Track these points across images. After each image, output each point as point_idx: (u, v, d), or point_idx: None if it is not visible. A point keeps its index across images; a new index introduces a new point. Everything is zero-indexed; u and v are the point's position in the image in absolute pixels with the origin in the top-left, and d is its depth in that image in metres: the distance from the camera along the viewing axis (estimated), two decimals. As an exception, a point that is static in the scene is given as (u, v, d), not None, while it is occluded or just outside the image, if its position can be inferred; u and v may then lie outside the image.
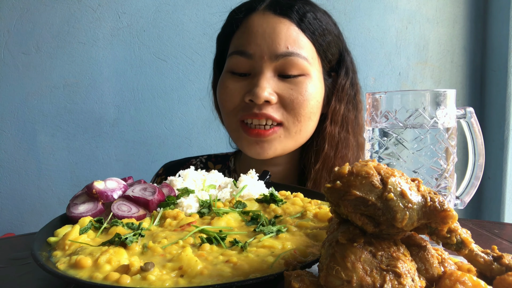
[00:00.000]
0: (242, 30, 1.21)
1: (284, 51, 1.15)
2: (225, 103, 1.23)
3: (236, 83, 1.20)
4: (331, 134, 1.25)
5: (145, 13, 2.31)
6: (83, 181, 2.28)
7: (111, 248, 0.67)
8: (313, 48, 1.20)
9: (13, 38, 2.24)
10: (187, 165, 1.49)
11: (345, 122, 1.28)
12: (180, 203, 0.89)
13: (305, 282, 0.49)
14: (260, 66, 1.16)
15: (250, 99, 1.15)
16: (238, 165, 1.46)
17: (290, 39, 1.16)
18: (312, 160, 1.27)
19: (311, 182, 1.26)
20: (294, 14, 1.18)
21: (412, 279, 0.47)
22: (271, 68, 1.16)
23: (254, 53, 1.17)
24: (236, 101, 1.20)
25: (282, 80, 1.17)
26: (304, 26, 1.18)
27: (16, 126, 2.28)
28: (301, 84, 1.17)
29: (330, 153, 1.25)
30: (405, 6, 2.47)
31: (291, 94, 1.16)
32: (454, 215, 0.49)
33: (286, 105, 1.16)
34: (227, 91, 1.21)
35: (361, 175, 0.49)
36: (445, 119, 0.78)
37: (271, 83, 1.15)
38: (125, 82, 2.33)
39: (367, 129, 0.86)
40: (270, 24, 1.17)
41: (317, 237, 0.72)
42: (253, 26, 1.18)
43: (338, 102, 1.26)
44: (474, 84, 2.55)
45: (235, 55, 1.20)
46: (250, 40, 1.17)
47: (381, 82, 2.49)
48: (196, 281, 0.58)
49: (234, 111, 1.21)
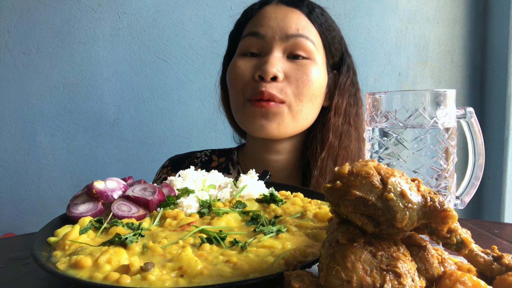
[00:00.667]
0: (256, 18, 1.31)
1: (295, 32, 1.24)
2: (235, 82, 1.29)
3: (247, 63, 1.27)
4: (335, 125, 1.33)
5: (145, 13, 2.31)
6: (83, 181, 2.28)
7: (111, 248, 0.67)
8: (319, 38, 1.29)
9: (13, 38, 2.24)
10: (192, 158, 1.51)
11: (348, 115, 1.35)
12: (180, 203, 0.89)
13: (305, 282, 0.49)
14: (271, 46, 1.25)
15: (260, 74, 1.22)
16: (241, 157, 1.50)
17: (301, 24, 1.26)
18: (318, 150, 1.33)
19: (317, 170, 1.32)
20: (304, 6, 1.29)
21: (412, 279, 0.47)
22: (281, 48, 1.25)
23: (266, 33, 1.25)
24: (246, 79, 1.26)
25: (289, 60, 1.25)
26: (312, 17, 1.28)
27: (16, 126, 2.28)
28: (307, 66, 1.25)
29: (334, 143, 1.32)
30: (405, 6, 2.47)
31: (297, 73, 1.23)
32: (454, 215, 0.49)
33: (291, 84, 1.23)
34: (238, 71, 1.28)
35: (361, 175, 0.49)
36: (445, 119, 0.78)
37: (280, 61, 1.23)
38: (125, 82, 2.33)
39: (367, 129, 0.86)
40: (283, 11, 1.27)
41: (317, 237, 0.72)
42: (266, 13, 1.29)
43: (341, 96, 1.34)
44: (474, 84, 2.55)
45: (248, 37, 1.29)
46: (263, 23, 1.27)
47: (381, 82, 2.49)
48: (196, 281, 0.58)
49: (243, 89, 1.27)
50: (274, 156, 1.37)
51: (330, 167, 1.31)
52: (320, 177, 1.31)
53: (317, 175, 1.31)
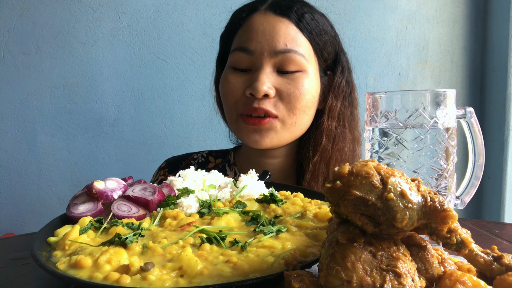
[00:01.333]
0: (244, 28, 1.27)
1: (283, 48, 1.21)
2: (227, 97, 1.29)
3: (238, 78, 1.26)
4: (328, 129, 1.31)
5: (145, 13, 2.31)
6: (83, 181, 2.28)
7: (111, 248, 0.67)
8: (310, 46, 1.26)
9: (13, 38, 2.24)
10: (189, 159, 1.51)
11: (342, 117, 1.34)
12: (180, 203, 0.89)
13: (305, 282, 0.49)
14: (260, 62, 1.22)
15: (251, 92, 1.21)
16: (237, 159, 1.50)
17: (289, 37, 1.22)
18: (310, 154, 1.32)
19: (310, 173, 1.31)
20: (293, 14, 1.24)
21: (412, 279, 0.47)
22: (270, 64, 1.22)
23: (255, 49, 1.23)
24: (237, 95, 1.26)
25: (280, 75, 1.23)
26: (302, 25, 1.24)
27: (16, 126, 2.28)
28: (298, 79, 1.23)
29: (327, 146, 1.31)
30: (405, 6, 2.47)
31: (288, 88, 1.22)
32: (454, 215, 0.49)
33: (283, 99, 1.22)
34: (229, 86, 1.27)
35: (361, 175, 0.49)
36: (445, 119, 0.78)
37: (270, 77, 1.22)
38: (125, 82, 2.33)
39: (367, 129, 0.86)
40: (271, 23, 1.23)
41: (317, 237, 0.72)
42: (254, 24, 1.25)
43: (335, 99, 1.32)
44: (474, 84, 2.55)
45: (237, 52, 1.26)
46: (252, 38, 1.23)
47: (381, 82, 2.49)
48: (196, 281, 0.58)
49: (235, 105, 1.27)
50: (269, 160, 1.38)
51: (322, 171, 1.31)
52: (312, 181, 1.31)
53: (309, 178, 1.31)
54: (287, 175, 1.41)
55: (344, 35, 1.37)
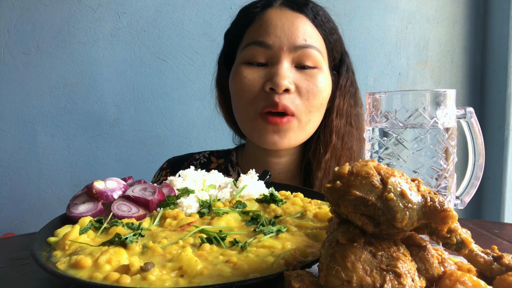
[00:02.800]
0: (259, 23, 1.25)
1: (303, 43, 1.21)
2: (243, 93, 1.24)
3: (254, 73, 1.23)
4: (337, 127, 1.32)
5: (145, 13, 2.31)
6: (83, 181, 2.28)
7: (111, 248, 0.67)
8: (323, 44, 1.28)
9: (13, 38, 2.24)
10: (191, 160, 1.51)
11: (349, 116, 1.35)
12: (180, 203, 0.89)
13: (305, 282, 0.49)
14: (279, 56, 1.21)
15: (271, 87, 1.18)
16: (240, 158, 1.49)
17: (307, 32, 1.23)
18: (321, 152, 1.32)
19: (321, 172, 1.32)
20: (309, 11, 1.25)
21: (412, 279, 0.47)
22: (289, 59, 1.22)
23: (273, 43, 1.21)
24: (255, 90, 1.22)
25: (298, 71, 1.23)
26: (317, 22, 1.26)
27: (16, 126, 2.28)
28: (316, 75, 1.23)
29: (337, 144, 1.32)
30: (405, 6, 2.47)
31: (307, 84, 1.22)
32: (454, 215, 0.49)
33: (302, 95, 1.21)
34: (245, 81, 1.23)
35: (361, 175, 0.49)
36: (445, 119, 0.78)
37: (289, 72, 1.21)
38: (125, 82, 2.33)
39: (367, 129, 0.86)
40: (289, 18, 1.23)
41: (317, 237, 0.72)
42: (271, 19, 1.24)
43: (342, 98, 1.34)
44: (474, 84, 2.55)
45: (253, 46, 1.24)
46: (270, 32, 1.22)
47: (381, 82, 2.49)
48: (196, 281, 0.58)
49: (253, 101, 1.23)
50: (276, 159, 1.37)
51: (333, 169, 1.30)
52: (325, 179, 1.31)
53: (321, 177, 1.31)
54: (293, 174, 1.41)
55: (344, 35, 1.37)
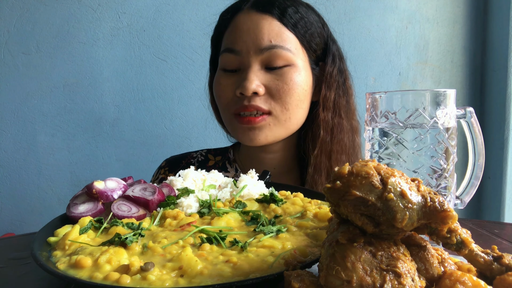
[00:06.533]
0: (230, 29, 1.29)
1: (268, 44, 1.22)
2: (219, 99, 1.32)
3: (228, 79, 1.28)
4: (324, 120, 1.31)
5: (145, 13, 2.31)
6: (83, 181, 2.28)
7: (111, 248, 0.67)
8: (296, 40, 1.26)
9: (13, 38, 2.24)
10: (189, 158, 1.52)
11: (337, 107, 1.33)
12: (180, 203, 0.89)
13: (305, 282, 0.49)
14: (248, 60, 1.24)
15: (240, 92, 1.22)
16: (237, 155, 1.51)
17: (273, 33, 1.23)
18: (310, 147, 1.33)
19: (312, 167, 1.32)
20: (276, 10, 1.25)
21: (412, 279, 0.47)
22: (257, 62, 1.23)
23: (241, 49, 1.24)
24: (229, 96, 1.28)
25: (268, 72, 1.24)
26: (285, 20, 1.25)
27: (16, 126, 2.28)
28: (286, 74, 1.23)
29: (326, 138, 1.31)
30: (405, 6, 2.47)
31: (277, 84, 1.23)
32: (454, 215, 0.49)
33: (273, 95, 1.23)
34: (221, 88, 1.30)
35: (361, 175, 0.49)
36: (445, 119, 0.78)
37: (258, 75, 1.23)
38: (125, 82, 2.33)
39: (367, 129, 0.86)
40: (254, 21, 1.25)
41: (317, 237, 0.72)
42: (239, 24, 1.27)
43: (328, 89, 1.31)
44: (474, 84, 2.55)
45: (226, 53, 1.28)
46: (237, 38, 1.25)
47: (381, 82, 2.49)
48: (196, 281, 0.58)
49: (228, 105, 1.29)
50: (269, 155, 1.39)
51: (324, 163, 1.31)
52: (315, 174, 1.31)
53: (312, 172, 1.31)
54: (288, 169, 1.42)
55: (344, 35, 1.37)
